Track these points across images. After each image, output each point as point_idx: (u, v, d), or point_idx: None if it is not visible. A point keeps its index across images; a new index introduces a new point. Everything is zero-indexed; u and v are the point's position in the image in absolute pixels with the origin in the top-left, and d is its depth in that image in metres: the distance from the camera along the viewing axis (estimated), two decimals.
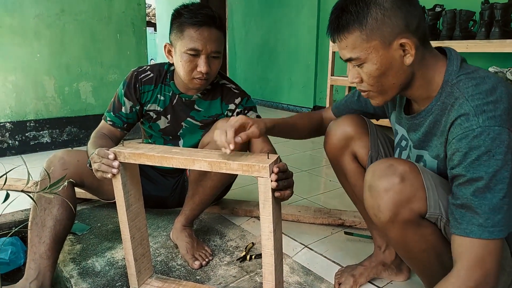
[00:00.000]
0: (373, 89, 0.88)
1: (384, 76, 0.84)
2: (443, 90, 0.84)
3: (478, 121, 0.74)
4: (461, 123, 0.76)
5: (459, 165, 0.76)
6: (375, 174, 0.84)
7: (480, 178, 0.73)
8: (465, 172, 0.75)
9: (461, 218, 0.76)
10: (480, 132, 0.73)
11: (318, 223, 1.64)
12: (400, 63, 0.83)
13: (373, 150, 1.13)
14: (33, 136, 2.82)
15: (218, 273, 1.30)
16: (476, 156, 0.73)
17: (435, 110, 0.86)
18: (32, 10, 2.68)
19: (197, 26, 1.21)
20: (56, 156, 1.21)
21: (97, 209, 1.80)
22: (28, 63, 2.73)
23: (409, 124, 0.96)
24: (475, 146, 0.73)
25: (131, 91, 1.39)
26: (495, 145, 0.72)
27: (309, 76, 4.55)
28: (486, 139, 0.73)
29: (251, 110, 1.41)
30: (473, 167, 0.73)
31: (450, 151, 0.79)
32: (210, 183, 1.32)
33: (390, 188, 0.81)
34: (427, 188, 0.81)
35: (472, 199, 0.74)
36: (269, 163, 0.86)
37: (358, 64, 0.85)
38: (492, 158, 0.72)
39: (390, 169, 0.82)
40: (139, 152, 0.97)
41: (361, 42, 0.82)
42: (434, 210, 0.82)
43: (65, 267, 1.33)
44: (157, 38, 8.92)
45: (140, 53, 3.23)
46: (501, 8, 2.35)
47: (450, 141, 0.80)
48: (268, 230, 0.91)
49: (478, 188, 0.73)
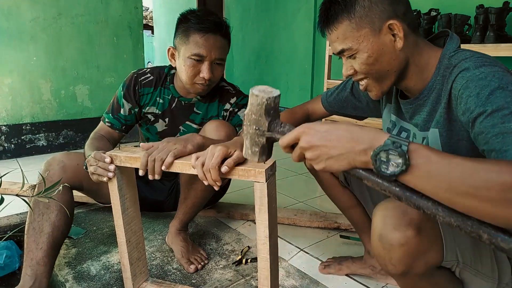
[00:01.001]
0: (369, 79, 0.87)
1: (378, 63, 0.83)
2: (441, 65, 0.82)
3: (480, 70, 0.71)
4: (463, 75, 0.73)
5: (476, 107, 0.67)
6: (386, 222, 0.74)
7: (502, 107, 0.64)
8: (484, 108, 0.66)
9: (504, 144, 0.61)
10: (485, 75, 0.70)
11: (314, 226, 1.65)
12: (391, 49, 0.82)
13: None
14: (29, 139, 2.81)
15: (213, 277, 1.30)
16: (490, 91, 0.67)
17: (436, 85, 0.83)
18: (28, 13, 2.68)
19: (203, 32, 1.22)
20: (55, 159, 1.20)
21: (92, 212, 1.80)
22: (24, 66, 2.73)
23: (412, 107, 0.91)
24: (484, 85, 0.68)
25: (130, 93, 1.39)
26: (504, 82, 0.67)
27: (305, 80, 4.56)
28: (492, 79, 0.68)
29: (243, 107, 1.41)
30: (490, 101, 0.66)
31: (463, 103, 0.71)
32: (201, 186, 1.31)
33: (405, 243, 0.72)
34: (444, 236, 0.74)
35: (505, 125, 0.62)
36: (265, 168, 0.86)
37: (350, 54, 0.85)
38: (506, 90, 0.66)
39: (405, 218, 0.73)
40: (136, 156, 0.97)
41: (351, 31, 0.82)
42: (451, 258, 0.76)
43: (60, 271, 1.33)
44: (154, 41, 8.92)
45: (137, 56, 3.23)
46: (495, 13, 2.37)
47: (456, 96, 0.74)
48: (264, 234, 0.91)
49: (505, 115, 0.63)
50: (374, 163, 0.59)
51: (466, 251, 0.78)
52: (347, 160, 0.62)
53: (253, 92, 0.70)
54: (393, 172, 0.58)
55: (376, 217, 0.77)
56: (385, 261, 0.77)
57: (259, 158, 0.74)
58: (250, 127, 0.73)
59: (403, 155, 0.56)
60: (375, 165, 0.59)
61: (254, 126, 0.72)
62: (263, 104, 0.69)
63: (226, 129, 1.26)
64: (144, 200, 1.17)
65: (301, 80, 4.62)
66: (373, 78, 0.86)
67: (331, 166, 0.63)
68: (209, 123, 1.30)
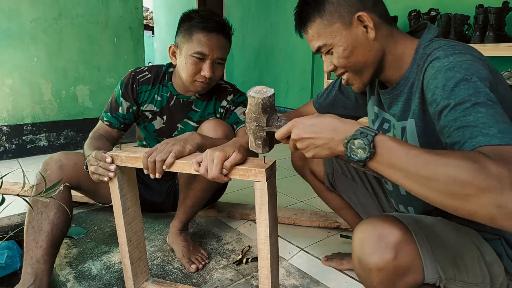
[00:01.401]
0: (349, 73, 0.90)
1: (354, 55, 0.86)
2: (417, 55, 0.84)
3: (449, 59, 0.74)
4: (433, 65, 0.76)
5: (442, 99, 0.71)
6: (364, 247, 0.75)
7: (464, 100, 0.67)
8: (448, 101, 0.69)
9: (463, 137, 0.64)
10: (453, 65, 0.72)
11: (314, 226, 1.65)
12: (365, 40, 0.85)
13: (327, 167, 1.19)
14: (30, 140, 2.82)
15: (214, 277, 1.30)
16: (454, 83, 0.70)
17: (411, 75, 0.85)
18: (29, 14, 2.68)
19: (207, 31, 1.23)
20: (53, 158, 1.21)
21: (93, 212, 1.80)
22: (25, 66, 2.73)
23: (390, 97, 0.93)
24: (450, 77, 0.71)
25: (128, 92, 1.40)
26: (469, 73, 0.70)
27: (306, 80, 4.57)
28: (459, 69, 0.71)
29: (239, 105, 1.42)
30: (454, 93, 0.69)
31: (430, 94, 0.75)
32: (200, 186, 1.32)
33: (383, 267, 0.73)
34: (423, 254, 0.74)
35: (465, 119, 0.65)
36: (266, 167, 0.87)
37: (327, 50, 0.88)
38: (470, 81, 0.68)
39: (381, 241, 0.73)
40: (136, 156, 0.98)
41: (324, 28, 0.85)
42: (432, 276, 0.76)
43: (62, 271, 1.33)
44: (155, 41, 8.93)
45: (138, 56, 3.23)
46: (495, 12, 2.37)
47: (426, 86, 0.77)
48: (264, 234, 0.92)
49: (467, 108, 0.66)
50: (346, 150, 0.67)
51: (448, 266, 0.77)
52: (329, 150, 0.71)
53: (250, 94, 0.80)
54: (360, 159, 0.65)
55: (354, 241, 0.79)
56: (366, 283, 0.79)
57: (262, 149, 0.85)
58: (252, 123, 0.82)
59: (369, 144, 0.63)
60: (346, 152, 0.67)
61: (254, 123, 0.82)
62: (259, 104, 0.79)
63: (223, 128, 1.27)
64: (142, 202, 1.18)
65: (301, 80, 4.62)
66: (352, 71, 0.89)
67: (318, 153, 0.72)
68: (206, 122, 1.30)
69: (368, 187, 1.18)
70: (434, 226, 0.81)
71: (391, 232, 0.73)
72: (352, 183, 1.19)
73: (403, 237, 0.73)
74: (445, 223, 0.85)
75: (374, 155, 0.64)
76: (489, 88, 0.68)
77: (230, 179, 0.92)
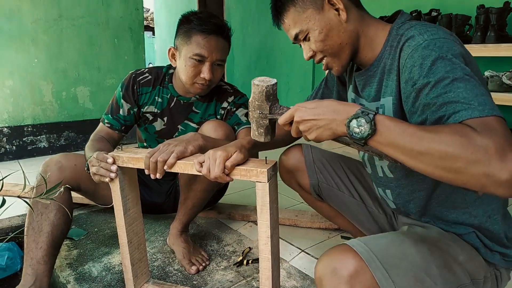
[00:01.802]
0: (327, 55, 0.92)
1: (329, 38, 0.89)
2: (390, 36, 0.88)
3: (424, 37, 0.77)
4: (409, 44, 0.79)
5: (420, 77, 0.74)
6: (322, 285, 0.76)
7: (443, 77, 0.70)
8: (428, 79, 0.72)
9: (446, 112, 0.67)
10: (428, 44, 0.76)
11: (315, 227, 1.65)
12: (338, 22, 0.89)
13: (312, 179, 1.22)
14: (30, 141, 2.82)
15: (215, 278, 1.30)
16: (431, 61, 0.73)
17: (385, 55, 0.88)
18: (30, 15, 2.69)
19: (206, 33, 1.23)
20: (52, 160, 1.21)
21: (94, 214, 1.80)
22: (25, 68, 2.73)
23: (363, 79, 0.95)
24: (426, 55, 0.74)
25: (129, 93, 1.39)
26: (444, 50, 0.73)
27: (306, 81, 4.56)
28: (434, 48, 0.74)
29: (241, 107, 1.41)
30: (432, 71, 0.72)
31: (407, 72, 0.77)
32: (200, 187, 1.32)
33: None
34: (380, 282, 0.74)
35: (447, 95, 0.68)
36: (267, 168, 0.87)
37: (304, 36, 0.91)
38: (445, 59, 0.72)
39: (335, 277, 0.74)
40: (138, 157, 0.98)
41: (299, 15, 0.90)
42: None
43: (62, 272, 1.33)
44: (155, 42, 8.93)
45: (138, 57, 3.23)
46: (496, 13, 2.37)
47: (403, 64, 0.79)
48: (266, 235, 0.91)
49: (446, 85, 0.69)
50: (347, 129, 0.70)
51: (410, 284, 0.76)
52: (331, 130, 0.73)
53: (254, 82, 0.83)
54: (362, 136, 0.68)
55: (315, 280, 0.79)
56: None
57: (264, 137, 0.87)
58: (255, 112, 0.85)
59: (370, 121, 0.67)
60: (348, 131, 0.70)
61: (257, 111, 0.84)
62: (263, 91, 0.82)
63: (224, 128, 1.27)
64: (142, 203, 1.18)
65: (302, 81, 4.62)
66: (330, 55, 0.92)
67: (321, 135, 0.75)
68: (206, 123, 1.30)
69: (355, 194, 1.19)
70: (389, 247, 0.80)
71: (343, 265, 0.74)
72: (338, 192, 1.21)
73: (356, 268, 0.73)
74: (403, 239, 0.83)
75: (375, 132, 0.67)
76: (463, 63, 0.72)
77: (232, 179, 0.91)
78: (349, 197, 1.19)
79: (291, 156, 1.23)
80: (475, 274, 0.85)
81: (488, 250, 0.88)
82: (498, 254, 0.89)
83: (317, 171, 1.21)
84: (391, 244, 0.82)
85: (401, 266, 0.76)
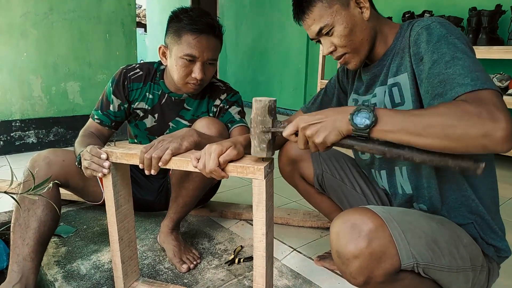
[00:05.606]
0: (348, 50, 0.98)
1: (353, 33, 0.95)
2: (402, 30, 0.97)
3: (432, 19, 0.88)
4: (418, 24, 0.90)
5: (426, 52, 0.84)
6: (339, 239, 0.79)
7: (445, 53, 0.80)
8: (431, 54, 0.83)
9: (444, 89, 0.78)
10: (435, 25, 0.86)
11: (307, 226, 1.64)
12: (361, 20, 0.96)
13: (316, 169, 1.22)
14: (18, 136, 2.77)
15: (206, 277, 1.29)
16: (436, 39, 0.83)
17: (397, 44, 0.96)
18: (19, 8, 2.63)
19: (196, 33, 1.20)
20: (40, 155, 1.19)
21: (83, 211, 1.77)
22: (14, 62, 2.68)
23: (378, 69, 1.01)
24: (432, 33, 0.85)
25: (119, 89, 1.37)
26: (449, 32, 0.84)
27: (299, 79, 4.57)
28: (440, 28, 0.85)
29: (233, 104, 1.40)
30: (436, 47, 0.82)
31: (416, 48, 0.88)
32: (192, 185, 1.30)
33: (358, 255, 0.77)
34: (396, 240, 0.77)
35: (446, 72, 0.78)
36: (264, 165, 0.86)
37: (328, 31, 0.96)
38: (449, 38, 0.82)
39: (355, 231, 0.77)
40: (132, 153, 0.96)
41: (325, 10, 0.95)
42: (408, 260, 0.78)
43: (49, 270, 1.31)
44: (147, 39, 8.86)
45: (130, 53, 3.20)
46: (488, 15, 2.39)
47: (413, 41, 0.89)
48: (261, 232, 0.90)
49: (447, 61, 0.79)
50: (352, 122, 0.75)
51: (422, 249, 0.80)
52: (336, 129, 0.78)
53: (255, 99, 0.86)
54: (367, 125, 0.74)
55: (331, 235, 0.82)
56: (346, 275, 0.82)
57: (267, 153, 0.88)
58: (257, 127, 0.86)
59: (371, 111, 0.74)
60: (352, 124, 0.75)
61: (260, 126, 0.86)
62: (266, 106, 0.85)
63: (216, 126, 1.26)
64: (133, 200, 1.16)
65: (295, 80, 4.62)
66: (351, 50, 0.98)
67: (327, 137, 0.78)
68: (199, 121, 1.29)
69: (357, 188, 1.20)
70: (405, 214, 0.86)
71: (363, 221, 0.78)
72: (341, 184, 1.22)
73: (375, 224, 0.78)
74: (415, 213, 0.90)
75: (377, 121, 0.74)
76: (464, 45, 0.81)
77: (228, 176, 0.90)
78: (351, 189, 1.21)
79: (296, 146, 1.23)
80: (475, 260, 0.88)
81: (484, 242, 0.92)
82: (493, 247, 0.93)
83: (322, 162, 1.22)
84: (406, 213, 0.87)
85: (415, 231, 0.81)
